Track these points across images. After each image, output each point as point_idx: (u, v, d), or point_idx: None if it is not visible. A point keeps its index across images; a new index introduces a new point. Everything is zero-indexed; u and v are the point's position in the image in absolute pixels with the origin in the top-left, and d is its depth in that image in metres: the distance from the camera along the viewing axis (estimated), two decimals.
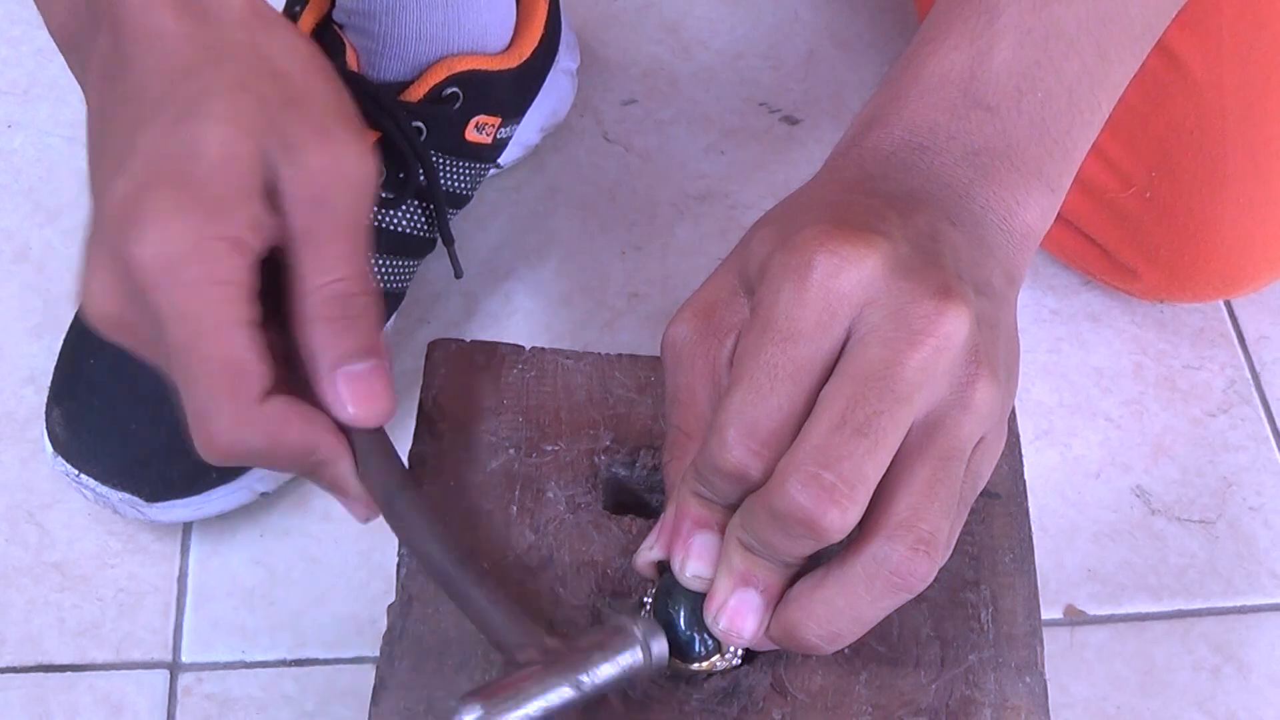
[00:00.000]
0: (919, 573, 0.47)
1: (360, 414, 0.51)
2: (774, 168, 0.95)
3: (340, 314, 0.51)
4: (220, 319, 0.49)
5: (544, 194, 0.93)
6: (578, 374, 0.61)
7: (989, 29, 0.53)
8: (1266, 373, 0.88)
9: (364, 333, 0.52)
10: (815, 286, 0.47)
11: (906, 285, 0.48)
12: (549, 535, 0.57)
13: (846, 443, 0.46)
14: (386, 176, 0.79)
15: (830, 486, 0.46)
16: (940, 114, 0.53)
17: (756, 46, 1.01)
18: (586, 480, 0.58)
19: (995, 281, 0.51)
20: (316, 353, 0.51)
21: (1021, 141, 0.53)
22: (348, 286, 0.51)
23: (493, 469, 0.58)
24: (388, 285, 0.81)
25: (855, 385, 0.47)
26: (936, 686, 0.54)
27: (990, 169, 0.52)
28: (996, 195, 0.52)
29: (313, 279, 0.51)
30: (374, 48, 0.79)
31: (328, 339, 0.51)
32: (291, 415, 0.51)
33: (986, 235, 0.52)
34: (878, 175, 0.53)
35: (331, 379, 0.51)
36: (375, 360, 0.52)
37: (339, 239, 0.51)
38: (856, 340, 0.48)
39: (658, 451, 0.59)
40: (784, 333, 0.48)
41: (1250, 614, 0.79)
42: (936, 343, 0.47)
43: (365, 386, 0.51)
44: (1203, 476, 0.83)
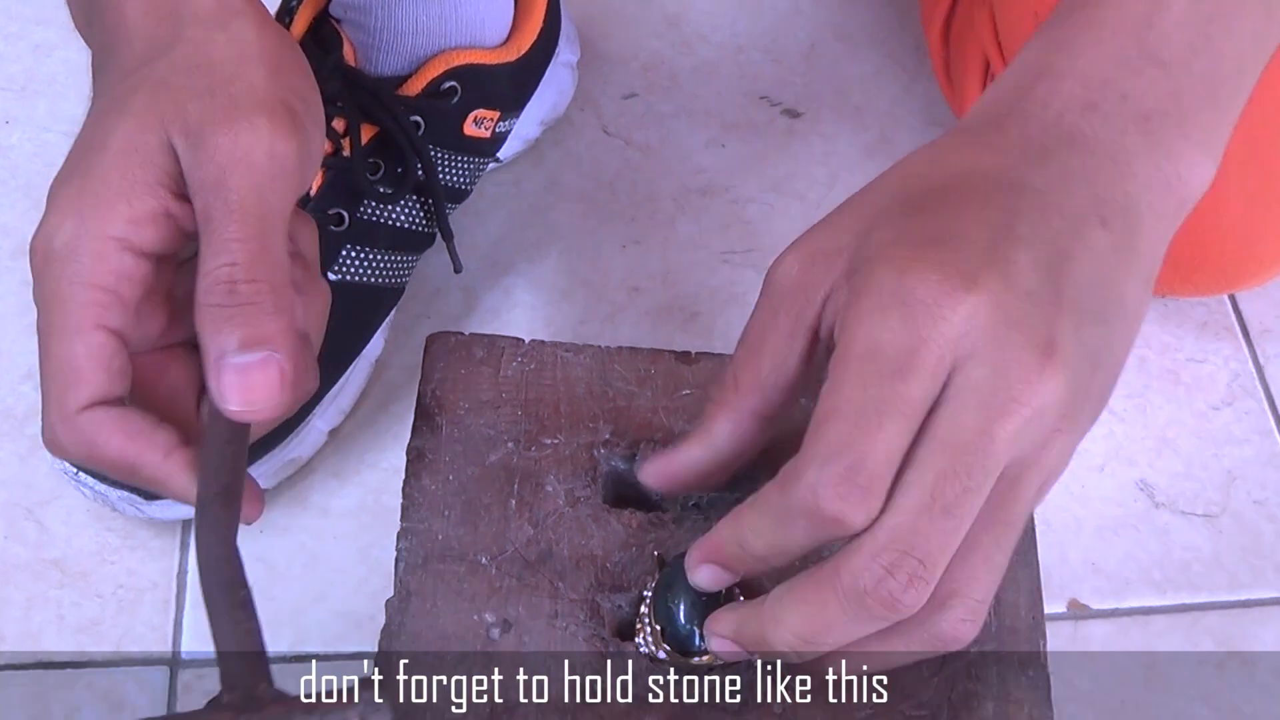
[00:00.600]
0: (963, 638, 0.48)
1: (241, 410, 0.49)
2: (775, 161, 0.94)
3: (225, 301, 0.49)
4: (73, 321, 0.49)
5: (544, 188, 0.93)
6: (577, 367, 0.61)
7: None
8: (1271, 366, 0.87)
9: (255, 321, 0.49)
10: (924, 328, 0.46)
11: (1010, 337, 0.46)
12: (548, 529, 0.57)
13: (934, 523, 0.46)
14: (385, 171, 0.79)
15: (914, 570, 0.46)
16: (1114, 67, 0.50)
17: (758, 40, 1.01)
18: (586, 474, 0.58)
19: (1129, 297, 0.50)
20: (205, 340, 0.49)
21: (1193, 106, 0.50)
22: (233, 272, 0.49)
23: (491, 462, 0.58)
24: (387, 280, 0.81)
25: (947, 457, 0.46)
26: (938, 680, 0.54)
27: (1159, 137, 0.50)
28: (1160, 169, 0.50)
29: (203, 264, 0.49)
30: (371, 42, 0.78)
31: (213, 326, 0.49)
32: (113, 430, 0.50)
33: (1137, 228, 0.50)
34: (1038, 153, 0.50)
35: (214, 369, 0.49)
36: (264, 351, 0.49)
37: (231, 222, 0.49)
38: (953, 396, 0.47)
39: (658, 444, 0.59)
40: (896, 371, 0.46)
41: (1255, 607, 0.79)
42: (1030, 414, 0.46)
43: (249, 379, 0.49)
44: (1207, 470, 0.83)
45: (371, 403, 0.82)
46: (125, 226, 0.49)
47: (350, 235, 0.78)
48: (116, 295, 0.49)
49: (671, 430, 0.59)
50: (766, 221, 0.92)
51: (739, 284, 0.89)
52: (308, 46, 0.78)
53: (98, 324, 0.49)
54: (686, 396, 0.61)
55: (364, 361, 0.82)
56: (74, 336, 0.49)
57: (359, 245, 0.78)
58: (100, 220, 0.49)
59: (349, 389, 0.81)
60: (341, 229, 0.78)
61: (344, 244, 0.78)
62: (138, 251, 0.50)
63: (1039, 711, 0.54)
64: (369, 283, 0.79)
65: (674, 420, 0.60)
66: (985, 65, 0.85)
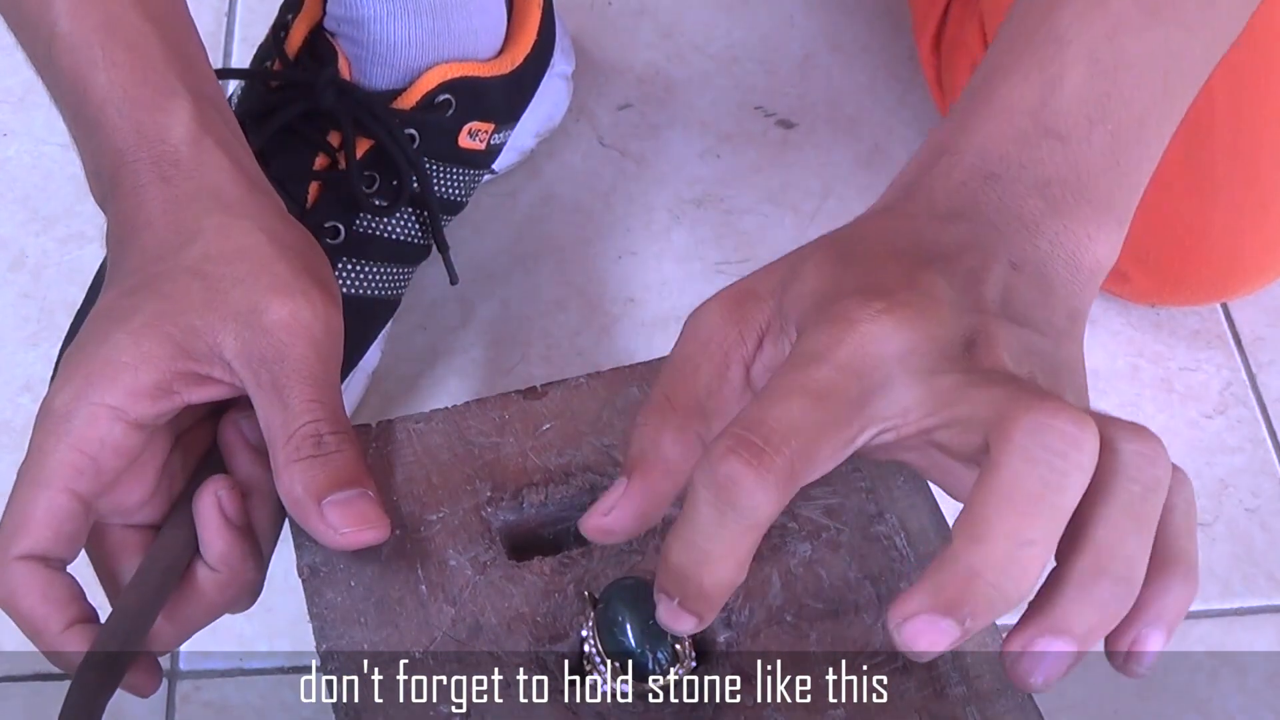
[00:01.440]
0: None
1: (351, 533, 0.54)
2: (770, 172, 0.95)
3: (315, 452, 0.54)
4: (44, 476, 0.52)
5: (539, 199, 0.93)
6: (433, 435, 0.60)
7: (1059, 57, 0.52)
8: (1263, 374, 0.88)
9: (344, 465, 0.54)
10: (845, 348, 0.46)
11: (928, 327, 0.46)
12: (468, 602, 0.55)
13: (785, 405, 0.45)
14: (380, 184, 0.79)
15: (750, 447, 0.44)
16: (1011, 142, 0.52)
17: (752, 51, 1.01)
18: (482, 537, 0.57)
19: (1057, 319, 0.50)
20: (298, 489, 0.53)
21: (1093, 173, 0.52)
22: (318, 428, 0.54)
23: (387, 555, 0.57)
24: (383, 292, 0.81)
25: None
26: (882, 624, 0.54)
27: (1061, 201, 0.51)
28: (1067, 229, 0.51)
29: (284, 429, 0.54)
30: (365, 55, 0.79)
31: (308, 476, 0.53)
32: (30, 586, 0.52)
33: (1050, 274, 0.51)
34: (944, 215, 0.51)
35: (318, 509, 0.53)
36: (360, 489, 0.54)
37: (302, 387, 0.54)
38: None
39: (539, 488, 0.58)
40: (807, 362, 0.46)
41: (1248, 615, 0.79)
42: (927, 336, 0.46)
43: (352, 510, 0.54)
44: (1199, 478, 0.83)
45: (368, 414, 0.83)
46: (124, 397, 0.52)
47: (346, 248, 0.78)
48: (95, 463, 0.53)
49: (546, 468, 0.59)
50: (761, 232, 0.92)
51: None
52: (303, 60, 0.78)
53: (65, 486, 0.52)
54: (549, 430, 0.60)
55: (361, 373, 0.82)
56: (38, 489, 0.52)
57: (355, 258, 0.79)
58: (101, 389, 0.52)
59: (346, 400, 0.80)
60: (338, 242, 0.78)
61: (340, 257, 0.78)
62: (131, 423, 0.53)
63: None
64: (365, 295, 0.80)
65: (544, 458, 0.59)
66: None
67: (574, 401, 0.60)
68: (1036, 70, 0.53)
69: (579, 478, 0.58)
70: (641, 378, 0.61)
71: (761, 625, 0.55)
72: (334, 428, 0.54)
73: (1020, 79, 0.53)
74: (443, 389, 0.84)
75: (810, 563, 0.57)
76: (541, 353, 0.86)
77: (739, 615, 0.55)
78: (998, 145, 0.52)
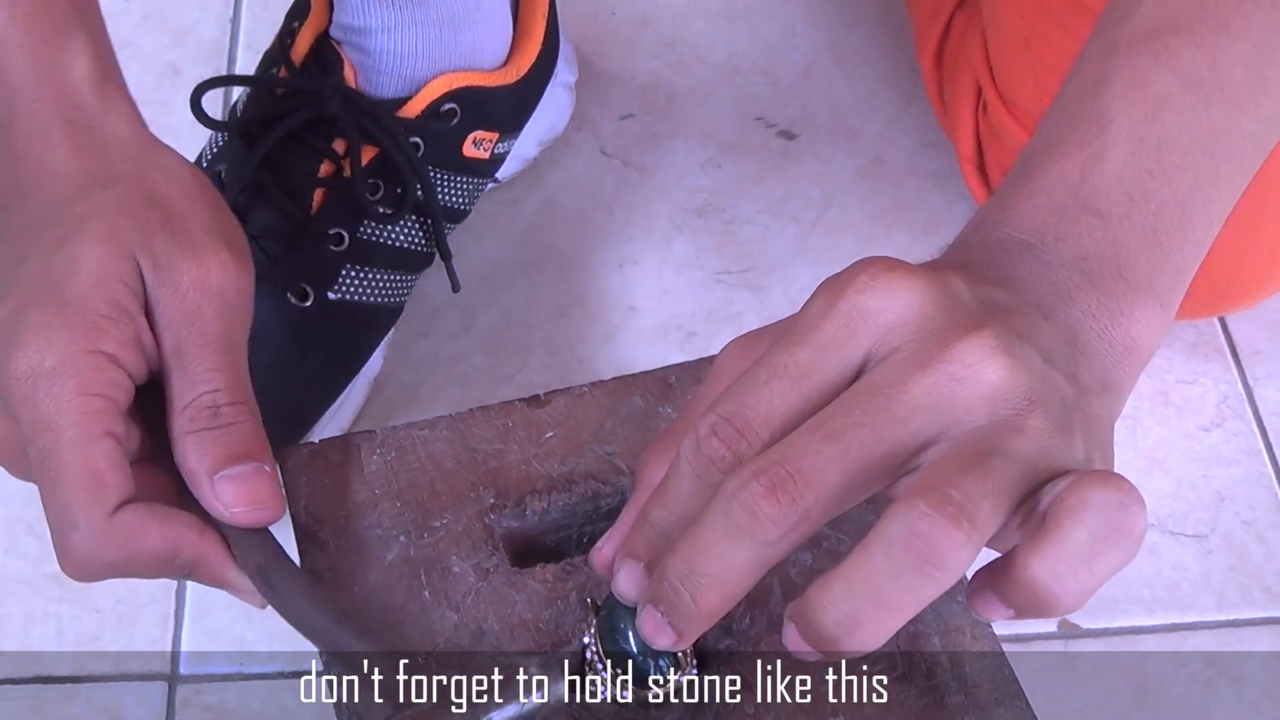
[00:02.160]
0: (943, 538, 0.42)
1: (242, 512, 0.53)
2: (771, 182, 0.95)
3: (211, 424, 0.52)
4: (83, 431, 0.50)
5: (541, 208, 0.94)
6: (437, 442, 0.60)
7: (1100, 136, 0.52)
8: (1260, 387, 0.88)
9: (241, 438, 0.53)
10: (843, 301, 0.46)
11: (941, 317, 0.46)
12: (470, 609, 0.56)
13: (813, 444, 0.44)
14: (384, 192, 0.79)
15: (781, 478, 0.44)
16: (1049, 216, 0.51)
17: (754, 61, 1.02)
18: (485, 544, 0.58)
19: (1084, 377, 0.49)
20: (192, 461, 0.52)
21: (1133, 251, 0.51)
22: (216, 398, 0.53)
23: (391, 561, 0.57)
24: (386, 299, 0.81)
25: (847, 398, 0.45)
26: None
27: (1098, 276, 0.50)
28: (1101, 304, 0.50)
29: (182, 396, 0.53)
30: (371, 64, 0.79)
31: (202, 447, 0.52)
32: (149, 520, 0.51)
33: (1081, 339, 0.49)
34: (977, 262, 0.51)
35: (210, 484, 0.52)
36: (256, 463, 0.53)
37: (206, 354, 0.53)
38: (872, 363, 0.47)
39: (542, 495, 0.59)
40: (797, 337, 0.47)
41: (1244, 627, 0.79)
42: (952, 370, 0.45)
43: (245, 486, 0.52)
44: (1196, 490, 0.84)
45: (370, 421, 0.83)
46: (116, 346, 0.51)
47: (350, 255, 0.79)
48: (116, 404, 0.51)
49: (549, 475, 0.59)
50: (762, 242, 0.92)
51: (735, 304, 0.89)
52: (309, 68, 0.79)
53: (106, 431, 0.51)
54: (552, 438, 0.60)
55: (363, 379, 0.82)
56: (89, 446, 0.50)
57: (358, 265, 0.79)
58: (92, 338, 0.51)
59: (348, 406, 0.82)
60: (341, 249, 0.78)
61: (344, 263, 0.79)
62: (121, 370, 0.52)
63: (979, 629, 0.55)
64: (368, 302, 0.80)
65: (547, 465, 0.59)
66: (977, 90, 0.86)
67: (577, 410, 0.61)
68: (1078, 149, 0.52)
69: (582, 485, 0.59)
70: (644, 387, 0.62)
71: (763, 633, 0.55)
72: (232, 398, 0.53)
73: (1061, 156, 0.52)
74: (444, 396, 0.85)
75: (811, 571, 0.57)
76: (543, 360, 0.87)
77: (740, 623, 0.56)
78: (1035, 219, 0.51)
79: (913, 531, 0.42)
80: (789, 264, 0.91)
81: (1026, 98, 0.81)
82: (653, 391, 0.61)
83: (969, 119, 0.87)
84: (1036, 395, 0.45)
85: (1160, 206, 0.51)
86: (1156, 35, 0.53)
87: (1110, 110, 0.52)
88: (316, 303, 0.78)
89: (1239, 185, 0.54)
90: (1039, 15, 0.79)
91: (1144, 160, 0.51)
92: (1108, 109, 0.52)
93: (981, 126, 0.87)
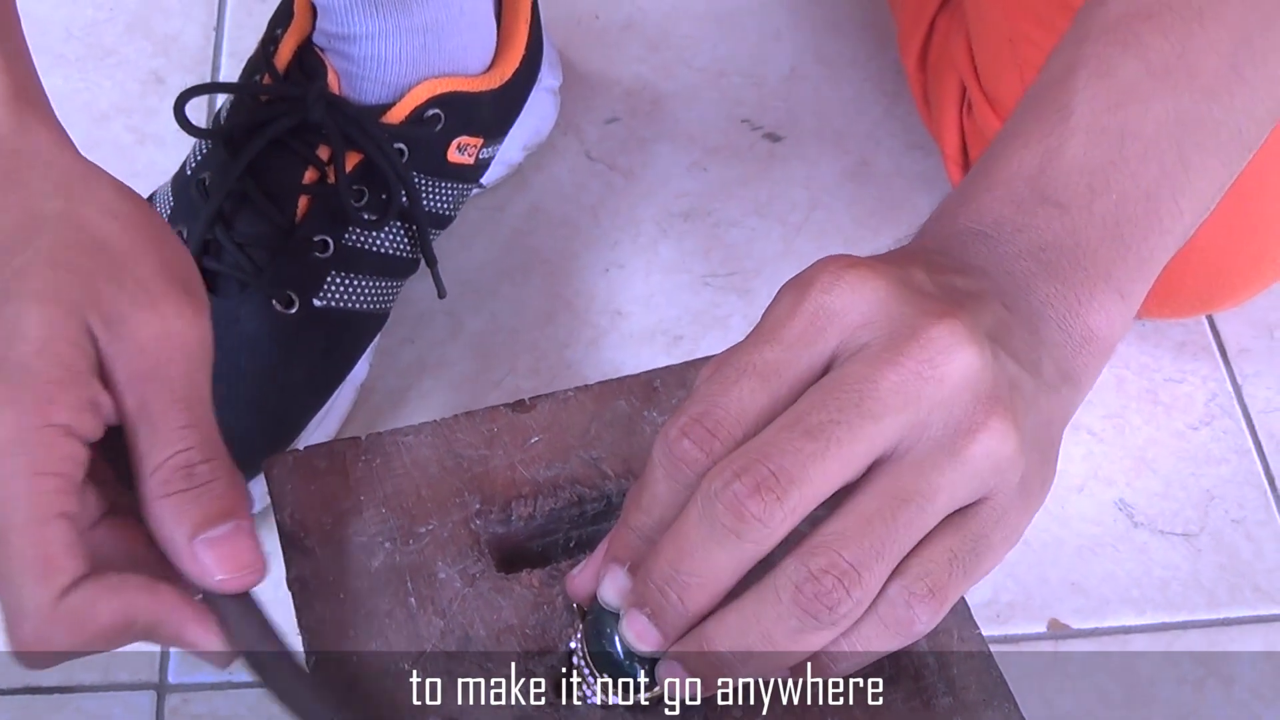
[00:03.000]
0: (826, 599, 0.45)
1: (229, 579, 0.49)
2: (757, 185, 0.95)
3: (186, 485, 0.49)
4: (34, 512, 0.47)
5: (527, 213, 0.93)
6: (421, 448, 0.60)
7: (1061, 126, 0.51)
8: (1248, 385, 0.88)
9: (218, 496, 0.49)
10: (808, 300, 0.47)
11: (907, 310, 0.46)
12: (457, 615, 0.55)
13: (793, 440, 0.45)
14: (369, 198, 0.79)
15: (764, 478, 0.44)
16: (1007, 207, 0.51)
17: (739, 64, 1.02)
18: (471, 550, 0.57)
19: (1045, 369, 0.49)
20: (168, 528, 0.49)
21: (1092, 242, 0.50)
22: (189, 456, 0.49)
23: (376, 568, 0.57)
24: (372, 306, 0.81)
25: (820, 394, 0.46)
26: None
27: (1055, 265, 0.50)
28: (1059, 293, 0.50)
29: (152, 458, 0.49)
30: (355, 70, 0.79)
31: (178, 512, 0.49)
32: (97, 595, 0.48)
33: (1041, 329, 0.50)
34: (935, 252, 0.51)
35: (191, 550, 0.49)
36: (235, 521, 0.49)
37: (174, 411, 0.49)
38: (841, 359, 0.47)
39: (528, 500, 0.58)
40: (764, 337, 0.47)
41: (1234, 626, 0.79)
42: (919, 367, 0.45)
43: (229, 549, 0.49)
44: (1185, 489, 0.84)
45: (357, 427, 0.83)
46: (68, 414, 0.47)
47: (335, 262, 0.79)
48: (71, 479, 0.47)
49: (535, 480, 0.59)
50: (748, 245, 0.92)
51: (722, 307, 0.89)
52: (292, 74, 0.79)
53: (60, 512, 0.47)
54: (537, 443, 0.60)
55: (349, 386, 0.82)
56: (39, 528, 0.47)
57: (344, 272, 0.79)
58: (42, 412, 0.47)
59: (334, 413, 0.81)
60: (326, 255, 0.78)
61: (329, 270, 0.78)
62: (80, 439, 0.48)
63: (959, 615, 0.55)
64: (354, 308, 0.80)
65: (533, 470, 0.59)
66: (962, 91, 0.86)
67: (562, 415, 0.61)
68: (1039, 140, 0.52)
69: (567, 490, 0.59)
70: (629, 391, 0.62)
71: None
72: (206, 455, 0.49)
73: (1021, 146, 0.52)
74: (431, 402, 0.85)
75: None
76: (530, 365, 0.86)
77: None
78: (993, 210, 0.51)
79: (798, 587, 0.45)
80: (776, 266, 0.91)
81: (1011, 97, 0.81)
82: (637, 395, 0.61)
83: (954, 120, 0.87)
84: (999, 391, 0.46)
85: (1122, 198, 0.51)
86: (1126, 23, 0.52)
87: (1074, 100, 0.52)
88: (302, 310, 0.77)
89: (1217, 176, 0.53)
90: (1023, 14, 0.79)
91: (1105, 151, 0.51)
92: (1071, 99, 0.52)
93: (966, 127, 0.87)
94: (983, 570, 0.48)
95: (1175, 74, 0.52)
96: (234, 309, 0.76)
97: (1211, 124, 0.52)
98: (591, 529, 0.59)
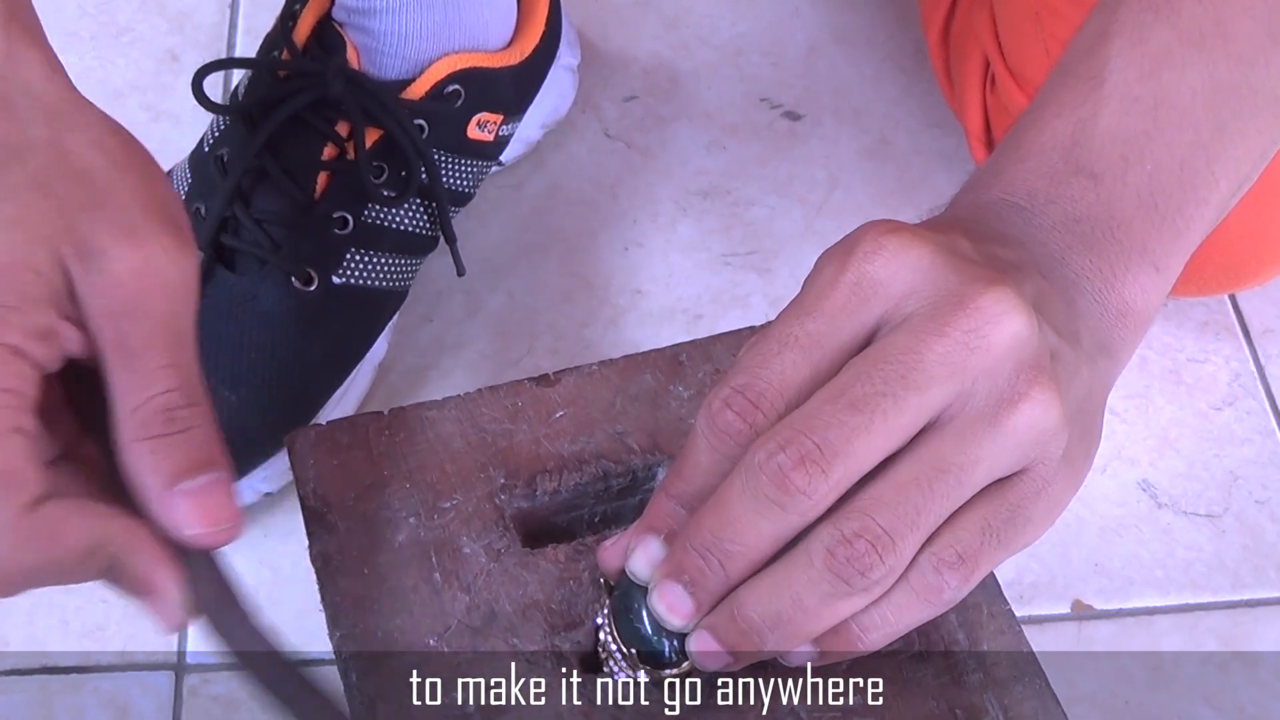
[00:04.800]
0: (859, 564, 0.45)
1: (206, 533, 0.47)
2: (776, 163, 0.95)
3: (166, 429, 0.46)
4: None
5: (545, 191, 0.93)
6: (445, 422, 0.59)
7: (1094, 95, 0.51)
8: (1272, 365, 0.88)
9: (199, 444, 0.47)
10: (850, 269, 0.46)
11: (952, 278, 0.46)
12: (482, 590, 0.55)
13: (837, 413, 0.45)
14: (389, 175, 0.79)
15: (809, 450, 0.44)
16: (1040, 179, 0.50)
17: (757, 42, 1.01)
18: (496, 525, 0.57)
19: (1084, 340, 0.48)
20: (145, 474, 0.47)
21: (1126, 213, 0.50)
22: (171, 399, 0.47)
23: (401, 543, 0.56)
24: (391, 283, 0.81)
25: (865, 365, 0.45)
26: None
27: (1090, 238, 0.49)
28: (1093, 265, 0.49)
29: (131, 397, 0.46)
30: (375, 46, 0.78)
31: (157, 457, 0.46)
32: (69, 513, 0.45)
33: (1078, 301, 0.49)
34: (968, 220, 0.50)
35: (168, 498, 0.47)
36: (215, 472, 0.47)
37: (155, 349, 0.47)
38: (885, 329, 0.46)
39: (553, 475, 0.58)
40: (806, 308, 0.47)
41: (1258, 607, 0.79)
42: (966, 337, 0.45)
43: (207, 501, 0.47)
44: (1209, 470, 0.83)
45: (375, 405, 0.82)
46: (23, 339, 0.45)
47: (354, 239, 0.78)
48: (23, 398, 0.45)
49: (560, 455, 0.58)
50: (768, 223, 0.92)
51: (741, 286, 0.89)
52: (311, 50, 0.78)
53: (14, 427, 0.45)
54: (562, 418, 0.60)
55: (368, 365, 0.82)
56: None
57: (363, 249, 0.78)
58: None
59: (353, 392, 0.81)
60: (346, 232, 0.78)
61: (349, 247, 0.78)
62: (34, 365, 0.45)
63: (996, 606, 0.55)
64: (373, 286, 0.79)
65: (557, 445, 0.59)
66: (985, 66, 0.86)
67: (587, 389, 0.60)
68: (1071, 109, 0.51)
69: (592, 465, 0.58)
70: (654, 365, 0.61)
71: None
72: (187, 399, 0.47)
73: (1053, 116, 0.51)
74: (449, 381, 0.84)
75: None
76: (549, 344, 0.86)
77: None
78: (1026, 182, 0.51)
79: (831, 551, 0.45)
80: (795, 245, 0.91)
81: (1037, 72, 0.80)
82: (663, 369, 0.61)
83: (977, 96, 0.87)
84: (1042, 361, 0.46)
85: (1157, 168, 0.50)
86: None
87: (1107, 69, 0.51)
88: (321, 287, 0.77)
89: (1255, 144, 0.52)
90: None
91: (1139, 120, 0.50)
92: (1104, 67, 0.51)
93: (990, 103, 0.86)
94: (1021, 541, 0.48)
95: (1210, 40, 0.51)
96: (253, 286, 0.75)
97: (1248, 91, 0.51)
98: (617, 504, 0.59)
